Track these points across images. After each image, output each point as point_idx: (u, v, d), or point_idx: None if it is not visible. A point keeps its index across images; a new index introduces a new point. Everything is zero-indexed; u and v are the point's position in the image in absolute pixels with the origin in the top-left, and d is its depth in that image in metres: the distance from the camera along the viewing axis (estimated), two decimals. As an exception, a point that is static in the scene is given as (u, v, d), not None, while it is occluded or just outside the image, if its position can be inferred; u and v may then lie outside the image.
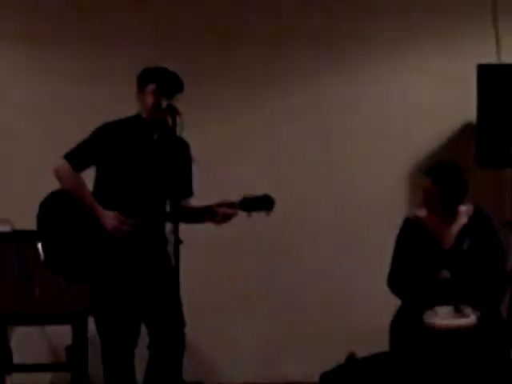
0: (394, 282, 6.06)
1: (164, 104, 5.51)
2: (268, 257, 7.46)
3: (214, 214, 5.58)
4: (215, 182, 6.45)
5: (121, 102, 5.95)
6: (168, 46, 7.28)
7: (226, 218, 5.57)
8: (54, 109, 7.35)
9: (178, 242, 5.52)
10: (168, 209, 5.76)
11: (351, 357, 7.09)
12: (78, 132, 5.65)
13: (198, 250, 6.38)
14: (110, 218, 5.53)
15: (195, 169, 5.95)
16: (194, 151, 5.87)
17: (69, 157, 5.56)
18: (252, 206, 5.56)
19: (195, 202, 5.87)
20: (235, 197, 5.57)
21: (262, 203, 5.57)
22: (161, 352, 5.67)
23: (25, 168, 7.03)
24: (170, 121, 5.64)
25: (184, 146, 5.76)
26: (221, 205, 5.54)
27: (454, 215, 6.02)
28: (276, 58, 7.57)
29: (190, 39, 7.46)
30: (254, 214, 5.56)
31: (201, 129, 6.60)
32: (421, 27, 7.56)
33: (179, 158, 5.76)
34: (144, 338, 5.67)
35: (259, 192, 5.59)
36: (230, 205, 5.53)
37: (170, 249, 5.70)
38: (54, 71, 7.39)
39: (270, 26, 7.55)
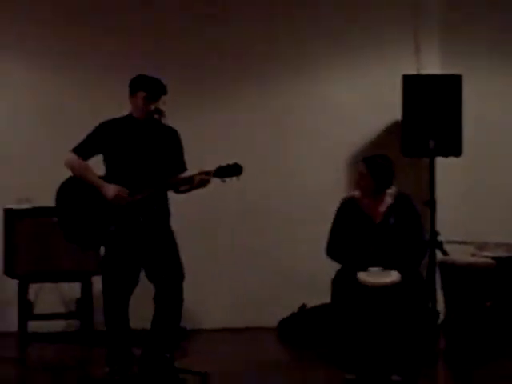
0: (332, 250, 6.19)
1: (152, 107, 5.63)
2: (235, 225, 7.64)
3: (192, 182, 5.65)
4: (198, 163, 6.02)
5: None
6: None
7: (202, 183, 5.63)
8: (64, 111, 7.42)
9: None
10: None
11: (303, 307, 7.45)
12: (83, 130, 5.78)
13: (184, 218, 6.40)
14: (110, 189, 5.62)
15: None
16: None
17: (76, 149, 5.72)
18: (225, 172, 5.61)
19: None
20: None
21: (233, 170, 5.62)
22: (164, 302, 5.76)
23: (42, 157, 7.14)
24: (157, 118, 5.69)
25: (173, 133, 5.84)
26: (199, 173, 5.61)
27: (382, 196, 6.11)
28: (245, 75, 7.71)
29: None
30: (227, 180, 5.61)
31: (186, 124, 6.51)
32: (356, 44, 7.75)
33: (170, 142, 5.82)
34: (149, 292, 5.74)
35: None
36: (206, 173, 5.60)
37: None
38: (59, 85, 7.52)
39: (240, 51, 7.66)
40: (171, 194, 5.84)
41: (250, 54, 7.70)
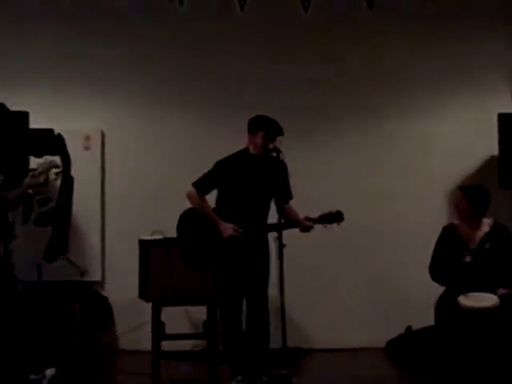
0: (433, 270, 6.17)
1: (271, 146, 5.72)
2: (345, 255, 7.59)
3: (298, 226, 5.75)
4: (303, 199, 6.23)
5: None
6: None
7: (306, 229, 5.76)
8: (187, 151, 7.56)
9: (282, 245, 5.76)
10: (273, 219, 5.86)
11: (409, 329, 7.40)
12: (205, 166, 5.82)
13: (298, 249, 6.42)
14: (226, 228, 5.70)
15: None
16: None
17: (196, 184, 5.81)
18: (328, 219, 5.72)
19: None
20: (316, 210, 5.71)
21: (335, 217, 5.74)
22: (254, 322, 5.76)
23: (172, 196, 6.79)
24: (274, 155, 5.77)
25: (283, 165, 5.90)
26: (305, 219, 5.72)
27: (478, 223, 6.12)
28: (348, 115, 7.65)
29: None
30: (329, 225, 5.71)
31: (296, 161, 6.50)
32: (455, 86, 7.66)
33: (280, 173, 5.90)
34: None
35: (332, 207, 5.72)
36: (312, 220, 5.73)
37: (272, 250, 5.85)
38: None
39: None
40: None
41: (353, 94, 7.67)
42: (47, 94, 7.63)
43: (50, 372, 5.85)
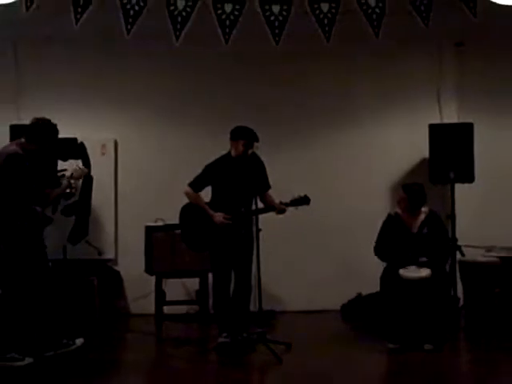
0: (378, 250, 6.65)
1: (250, 151, 6.32)
2: (311, 238, 8.12)
3: (274, 209, 6.40)
4: (279, 190, 6.64)
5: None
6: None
7: (281, 211, 6.41)
8: (183, 155, 8.05)
9: (258, 229, 6.32)
10: (254, 206, 6.35)
11: (359, 295, 7.92)
12: (198, 167, 6.45)
13: (272, 232, 6.90)
14: (217, 216, 6.35)
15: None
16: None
17: (191, 184, 6.46)
18: (297, 202, 6.34)
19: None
20: (288, 197, 6.36)
21: (303, 201, 6.37)
22: (238, 290, 6.40)
23: (171, 191, 7.17)
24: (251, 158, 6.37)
25: (259, 161, 6.51)
26: (279, 203, 6.37)
27: (418, 212, 6.61)
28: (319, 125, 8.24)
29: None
30: (300, 207, 6.35)
31: (273, 162, 6.98)
32: (396, 102, 8.24)
33: (258, 169, 6.47)
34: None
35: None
36: (286, 204, 6.38)
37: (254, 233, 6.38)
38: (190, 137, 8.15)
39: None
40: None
41: (323, 110, 8.20)
42: (72, 110, 8.05)
43: (79, 341, 6.25)
